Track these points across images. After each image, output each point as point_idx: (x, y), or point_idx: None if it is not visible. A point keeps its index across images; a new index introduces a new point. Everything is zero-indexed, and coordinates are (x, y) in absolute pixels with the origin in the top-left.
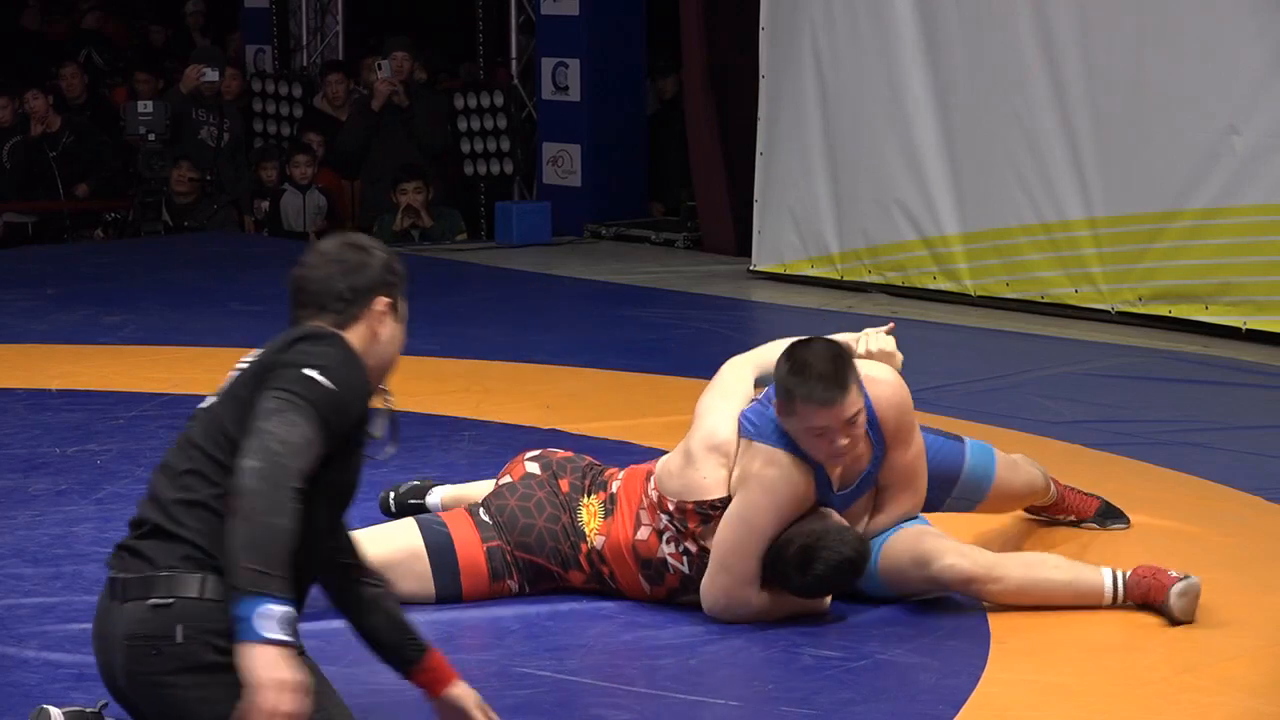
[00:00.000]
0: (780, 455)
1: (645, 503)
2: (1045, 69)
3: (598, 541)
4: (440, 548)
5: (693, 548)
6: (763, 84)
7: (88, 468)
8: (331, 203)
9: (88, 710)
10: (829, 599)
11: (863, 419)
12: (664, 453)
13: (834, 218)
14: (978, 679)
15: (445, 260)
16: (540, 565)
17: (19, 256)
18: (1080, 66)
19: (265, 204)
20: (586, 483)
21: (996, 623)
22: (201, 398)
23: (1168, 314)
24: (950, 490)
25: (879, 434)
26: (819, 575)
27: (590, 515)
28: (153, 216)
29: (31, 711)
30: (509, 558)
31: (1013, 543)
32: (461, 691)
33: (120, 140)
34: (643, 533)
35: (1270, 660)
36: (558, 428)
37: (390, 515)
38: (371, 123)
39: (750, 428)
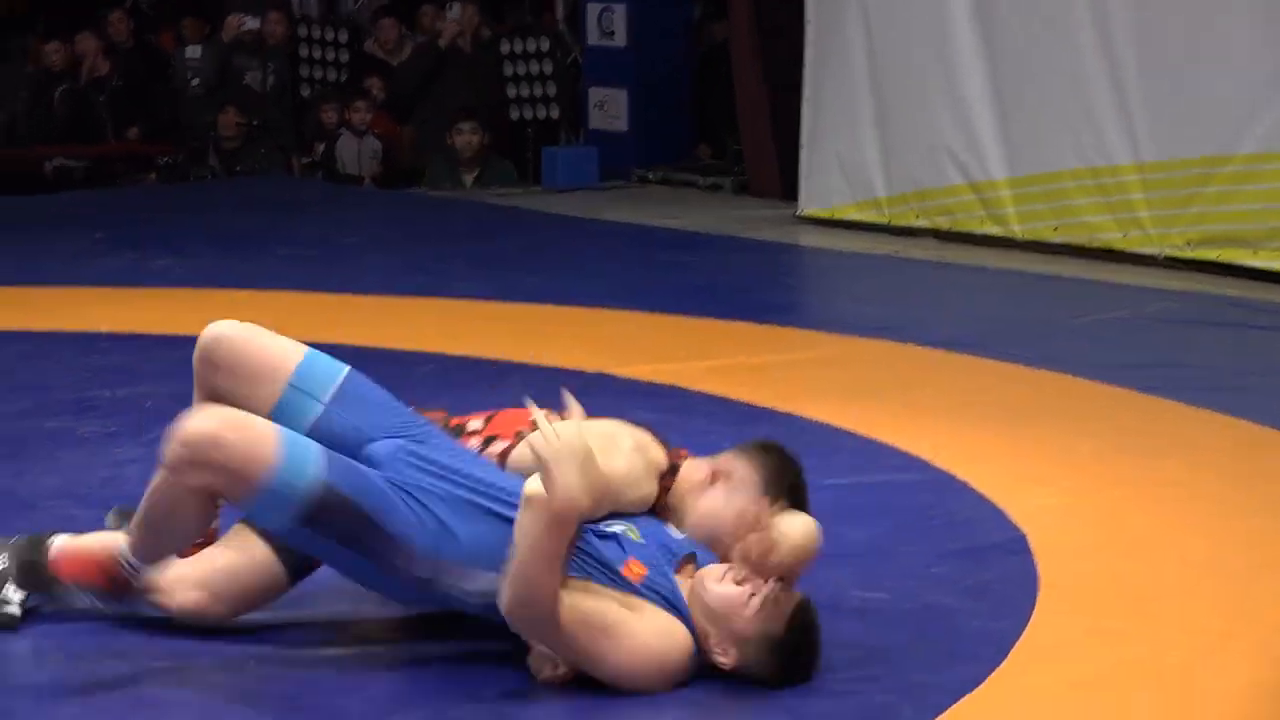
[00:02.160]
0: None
1: None
2: (1093, 12)
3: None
4: None
5: None
6: (809, 27)
7: (136, 410)
8: (387, 148)
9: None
10: None
11: None
12: (708, 396)
13: (881, 162)
14: (1026, 622)
15: (493, 205)
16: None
17: (68, 200)
18: (1128, 9)
19: (320, 147)
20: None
21: (1045, 566)
22: None
23: (1216, 259)
24: None
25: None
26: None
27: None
28: (200, 161)
29: None
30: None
31: None
32: None
33: (168, 85)
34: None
35: None
36: (604, 371)
37: None
38: (431, 66)
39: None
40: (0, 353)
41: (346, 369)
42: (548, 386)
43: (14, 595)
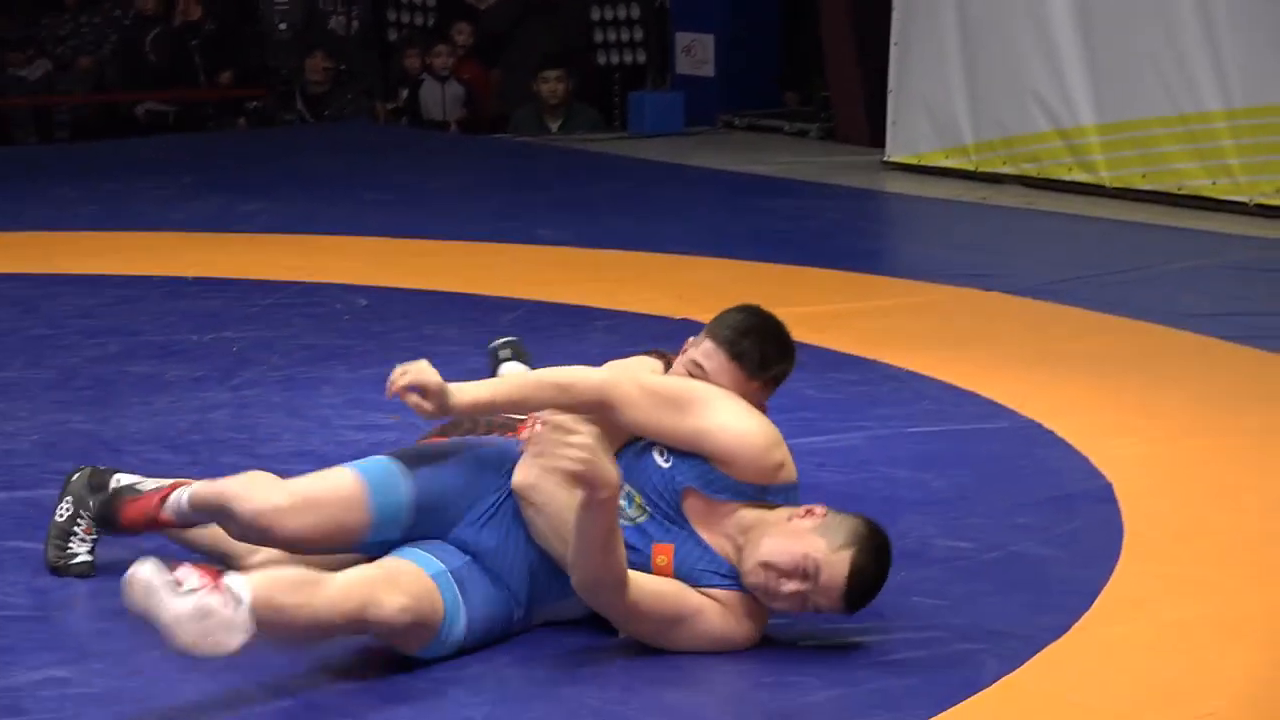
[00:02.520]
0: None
1: None
2: None
3: None
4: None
5: None
6: None
7: (223, 355)
8: (470, 93)
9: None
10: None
11: None
12: (796, 344)
13: (969, 108)
14: (1111, 570)
15: (578, 150)
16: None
17: (157, 145)
18: None
19: (405, 92)
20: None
21: (1130, 515)
22: (337, 286)
23: None
24: None
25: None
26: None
27: None
28: (287, 105)
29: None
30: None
31: None
32: None
33: (256, 30)
34: None
35: None
36: (689, 317)
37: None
38: (519, 10)
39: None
40: (89, 297)
41: (410, 495)
42: (631, 333)
43: (82, 544)
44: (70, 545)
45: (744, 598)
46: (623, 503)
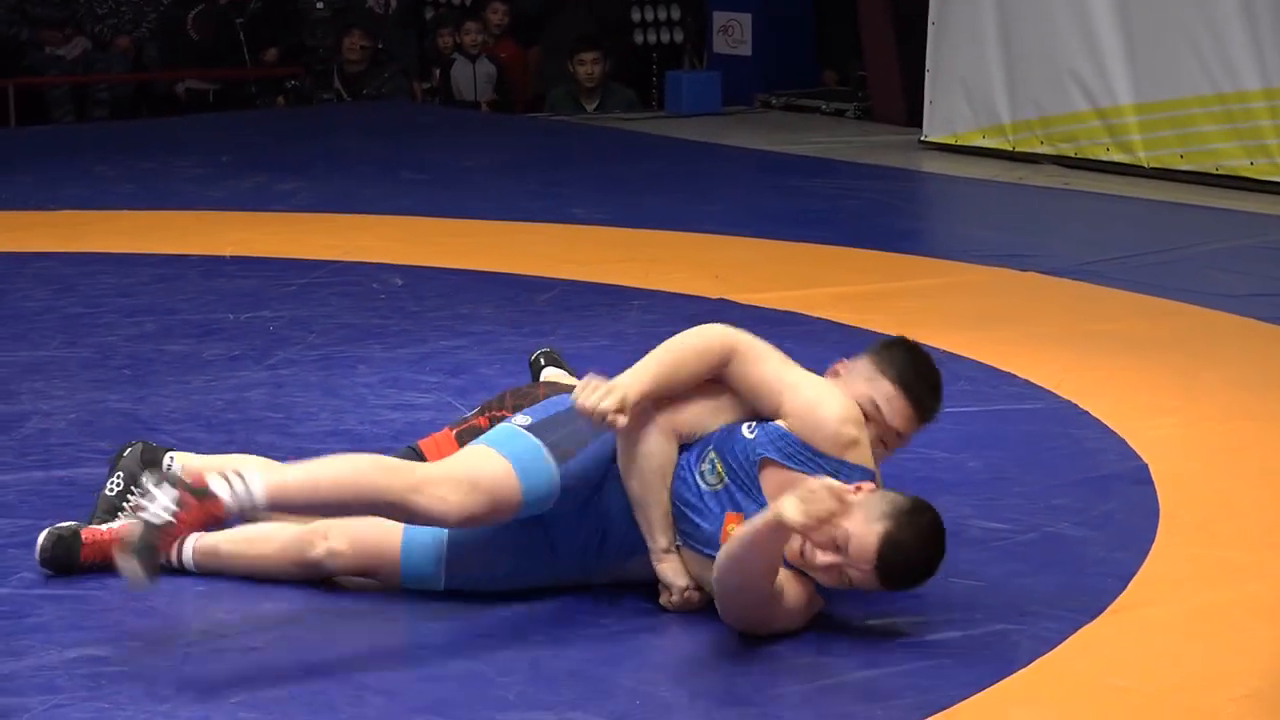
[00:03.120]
0: None
1: None
2: None
3: None
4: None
5: None
6: None
7: (260, 334)
8: (502, 73)
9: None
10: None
11: None
12: (830, 323)
13: (1006, 88)
14: (1147, 553)
15: (615, 130)
16: (536, 393)
17: (195, 123)
18: None
19: (437, 72)
20: None
21: (1166, 497)
22: (373, 265)
23: None
24: None
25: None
26: None
27: None
28: (324, 84)
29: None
30: (484, 422)
31: None
32: None
33: (296, 7)
34: None
35: None
36: (726, 297)
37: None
38: None
39: None
40: (126, 276)
41: (557, 483)
42: (667, 313)
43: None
44: (116, 521)
45: (798, 574)
46: (704, 467)
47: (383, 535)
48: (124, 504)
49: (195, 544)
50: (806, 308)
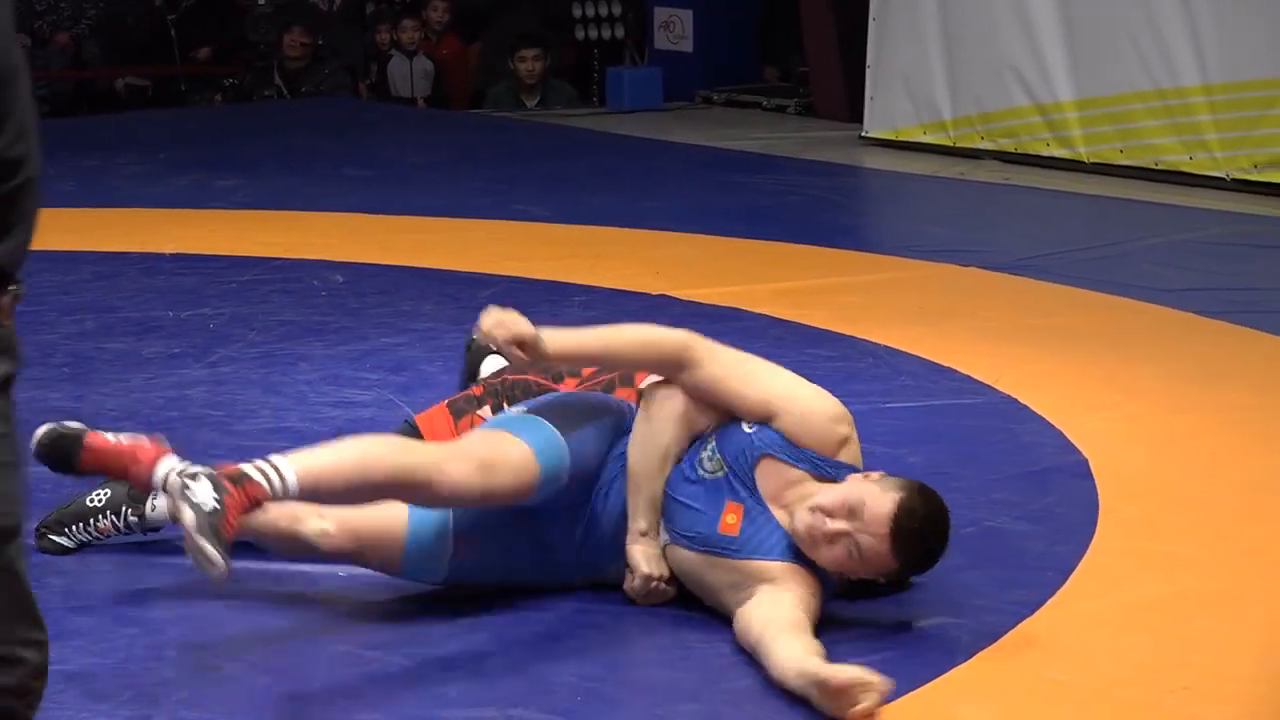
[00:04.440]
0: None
1: None
2: None
3: None
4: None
5: None
6: None
7: (201, 331)
8: (440, 70)
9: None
10: None
11: None
12: (771, 319)
13: (947, 83)
14: (1086, 546)
15: (556, 126)
16: (529, 382)
17: (133, 120)
18: None
19: (375, 68)
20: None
21: (1106, 490)
22: (314, 262)
23: None
24: None
25: None
26: None
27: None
28: (265, 81)
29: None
30: (479, 391)
31: None
32: None
33: (232, 4)
34: None
35: None
36: (667, 293)
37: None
38: None
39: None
40: (65, 274)
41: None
42: (608, 308)
43: (82, 534)
44: (71, 528)
45: (798, 570)
46: (704, 454)
47: (386, 521)
48: (91, 519)
49: None
50: (747, 303)
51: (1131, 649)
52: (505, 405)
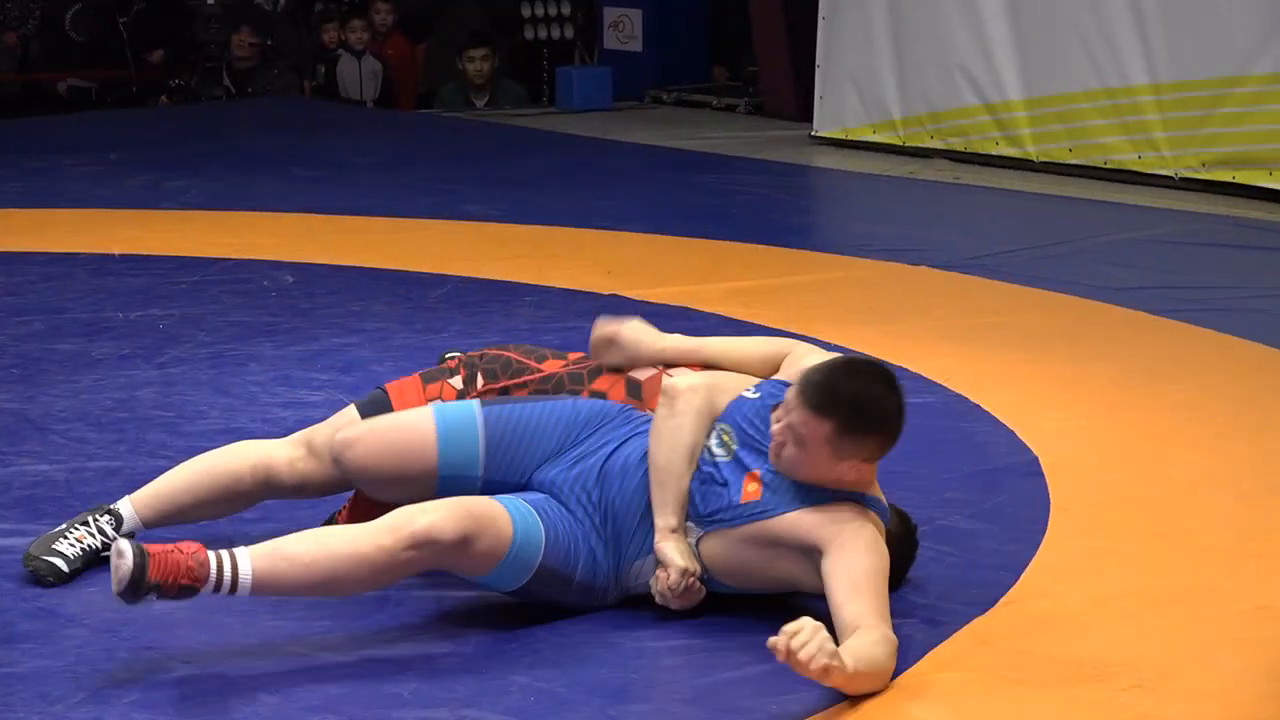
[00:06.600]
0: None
1: None
2: None
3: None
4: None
5: None
6: None
7: (151, 332)
8: (388, 70)
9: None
10: None
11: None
12: (722, 318)
13: (896, 83)
14: (1038, 545)
15: (506, 126)
16: (508, 358)
17: (82, 121)
18: None
19: (322, 69)
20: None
21: (1057, 489)
22: (264, 262)
23: (1231, 180)
24: None
25: None
26: None
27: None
28: (214, 82)
29: None
30: (453, 363)
31: None
32: None
33: (183, 5)
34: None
35: None
36: (618, 293)
37: None
38: None
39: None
40: (14, 275)
41: (480, 423)
42: (560, 308)
43: (71, 548)
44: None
45: (827, 511)
46: (711, 441)
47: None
48: (79, 536)
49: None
50: (698, 303)
51: (1083, 646)
52: (479, 376)
